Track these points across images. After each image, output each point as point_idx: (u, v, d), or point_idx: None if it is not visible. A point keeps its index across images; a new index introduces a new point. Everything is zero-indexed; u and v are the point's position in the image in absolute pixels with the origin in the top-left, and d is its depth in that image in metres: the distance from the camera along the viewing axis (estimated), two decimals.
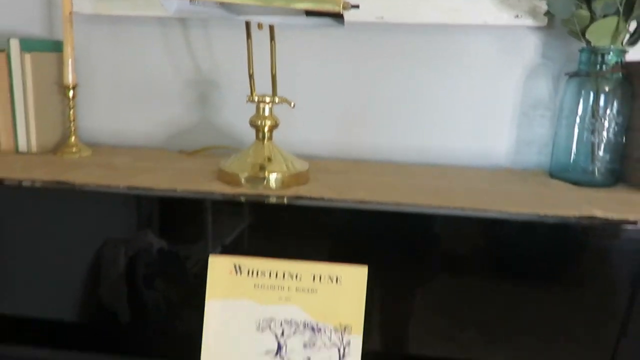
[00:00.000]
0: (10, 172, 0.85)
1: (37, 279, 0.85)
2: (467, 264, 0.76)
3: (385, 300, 0.77)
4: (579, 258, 0.73)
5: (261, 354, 0.76)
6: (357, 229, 0.78)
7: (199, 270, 0.79)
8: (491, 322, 0.77)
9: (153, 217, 0.81)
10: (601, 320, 0.74)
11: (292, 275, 0.76)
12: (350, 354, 0.74)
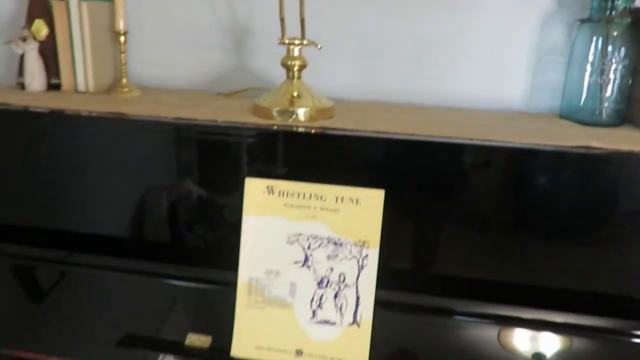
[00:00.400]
0: (71, 104, 0.97)
1: (95, 200, 0.98)
2: (473, 187, 0.85)
3: (399, 220, 0.87)
4: (575, 184, 0.82)
5: (290, 263, 0.87)
6: (376, 156, 0.87)
7: (238, 194, 0.90)
8: (498, 240, 0.86)
9: (195, 147, 0.93)
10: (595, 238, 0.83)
11: (318, 196, 0.86)
12: (367, 265, 0.85)
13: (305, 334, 0.86)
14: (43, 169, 0.99)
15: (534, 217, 0.85)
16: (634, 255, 0.82)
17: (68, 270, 0.98)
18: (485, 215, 0.86)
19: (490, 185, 0.86)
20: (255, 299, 0.88)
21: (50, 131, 0.97)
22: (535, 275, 0.86)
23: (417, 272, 0.89)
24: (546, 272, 0.86)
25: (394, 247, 0.86)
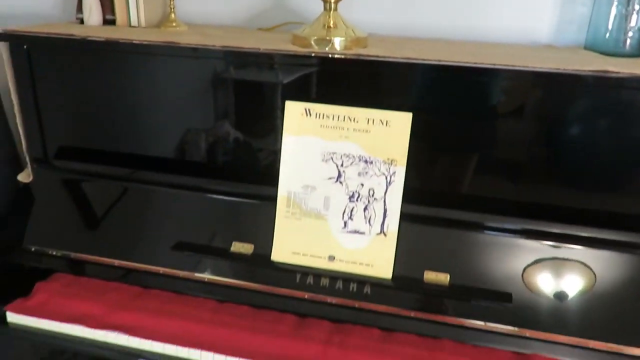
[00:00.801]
0: (125, 35, 1.07)
1: (147, 123, 1.09)
2: (496, 111, 0.92)
3: (425, 141, 0.95)
4: (592, 106, 0.87)
5: (325, 179, 0.97)
6: (405, 81, 0.94)
7: (279, 118, 0.99)
8: (521, 162, 0.93)
9: (240, 74, 1.02)
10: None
11: (351, 118, 0.94)
12: (395, 182, 0.94)
13: (337, 242, 0.97)
14: (103, 96, 1.10)
15: (556, 140, 0.91)
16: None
17: (130, 186, 1.10)
18: (508, 138, 0.93)
19: (513, 109, 0.92)
20: (293, 211, 0.98)
21: (107, 61, 1.07)
22: (557, 194, 0.93)
23: (440, 189, 0.98)
24: (568, 191, 0.93)
25: (419, 165, 0.95)
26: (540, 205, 0.94)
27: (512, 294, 0.90)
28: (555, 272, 0.90)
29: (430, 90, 0.94)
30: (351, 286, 0.96)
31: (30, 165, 1.19)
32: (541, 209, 0.93)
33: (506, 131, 0.94)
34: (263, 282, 1.00)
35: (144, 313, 0.99)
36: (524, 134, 0.93)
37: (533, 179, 0.94)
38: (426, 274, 0.93)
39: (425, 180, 0.97)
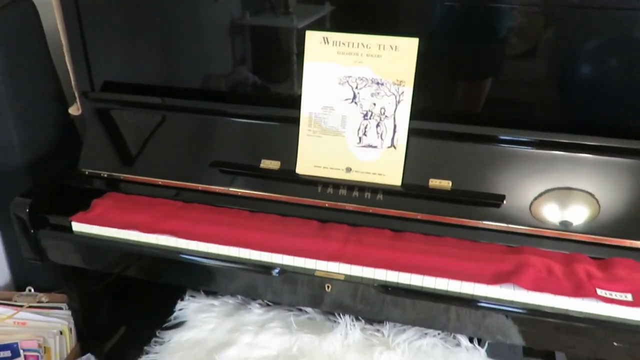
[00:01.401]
0: None
1: (185, 56, 1.23)
2: (498, 35, 1.04)
3: (431, 64, 1.07)
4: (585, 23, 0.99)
5: (342, 100, 1.10)
6: (413, 8, 1.06)
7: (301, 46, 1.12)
8: (508, 77, 1.06)
9: (267, 7, 1.14)
10: None
11: (364, 44, 1.07)
12: (403, 101, 1.07)
13: (353, 155, 1.11)
14: (142, 33, 1.24)
15: (553, 53, 1.03)
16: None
17: (168, 114, 1.24)
18: (504, 59, 1.05)
19: (509, 30, 1.04)
20: (314, 129, 1.12)
21: (147, 2, 1.20)
22: (542, 107, 1.06)
23: (443, 106, 1.11)
24: (553, 103, 1.05)
25: (425, 86, 1.07)
26: (529, 117, 1.06)
27: (504, 195, 1.04)
28: (542, 174, 1.04)
29: (434, 18, 1.06)
30: (366, 194, 1.10)
31: (79, 99, 1.34)
32: (529, 120, 1.06)
33: (503, 53, 1.05)
34: (289, 194, 1.15)
35: (187, 221, 1.15)
36: (518, 55, 1.04)
37: (523, 94, 1.06)
38: (431, 181, 1.08)
39: (430, 99, 1.10)
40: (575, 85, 1.05)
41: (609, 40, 1.01)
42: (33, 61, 1.41)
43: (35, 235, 1.18)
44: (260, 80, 1.20)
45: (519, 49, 1.04)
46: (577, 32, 1.01)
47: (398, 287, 0.99)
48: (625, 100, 1.02)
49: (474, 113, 1.09)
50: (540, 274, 0.97)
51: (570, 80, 1.04)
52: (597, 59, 1.03)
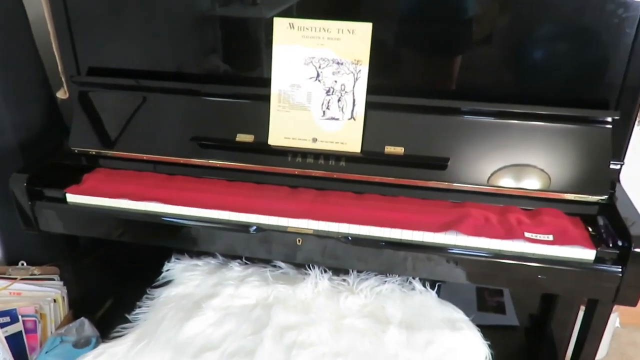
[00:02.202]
0: None
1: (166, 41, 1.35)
2: (438, 19, 1.20)
3: (382, 45, 1.22)
4: (504, 12, 1.16)
5: (307, 78, 1.24)
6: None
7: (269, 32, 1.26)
8: (457, 58, 1.22)
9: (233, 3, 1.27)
10: None
11: (325, 29, 1.21)
12: (360, 78, 1.22)
13: (318, 127, 1.26)
14: (123, 21, 1.36)
15: (480, 35, 1.20)
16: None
17: (150, 95, 1.36)
18: (445, 38, 1.22)
19: (447, 14, 1.20)
20: (283, 105, 1.27)
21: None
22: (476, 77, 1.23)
23: (395, 82, 1.27)
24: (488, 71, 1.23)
25: (378, 64, 1.22)
26: (469, 90, 1.23)
27: (449, 158, 1.21)
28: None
29: (386, 3, 1.21)
30: (330, 161, 1.26)
31: (66, 83, 1.45)
32: (470, 93, 1.22)
33: (445, 32, 1.22)
34: (262, 163, 1.29)
35: (172, 190, 1.29)
36: (456, 35, 1.21)
37: (462, 70, 1.23)
38: (386, 148, 1.23)
39: (383, 76, 1.25)
40: (505, 60, 1.22)
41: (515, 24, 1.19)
42: (19, 49, 1.51)
43: (32, 207, 1.30)
44: (234, 62, 1.34)
45: (458, 30, 1.21)
46: (512, 13, 1.19)
47: (359, 238, 1.16)
48: (542, 69, 1.20)
49: (423, 87, 1.26)
50: (479, 222, 1.15)
51: (499, 56, 1.22)
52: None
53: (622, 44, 1.13)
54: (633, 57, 1.12)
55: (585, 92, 1.19)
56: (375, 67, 1.21)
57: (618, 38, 1.13)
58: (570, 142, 1.17)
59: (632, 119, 1.18)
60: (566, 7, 1.14)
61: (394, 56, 1.25)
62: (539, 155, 1.18)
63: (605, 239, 1.10)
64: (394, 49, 1.24)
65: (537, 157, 1.18)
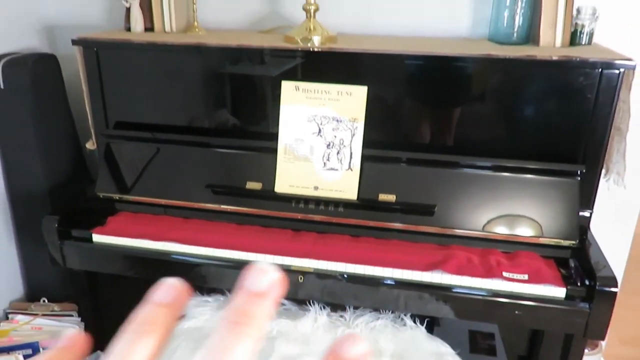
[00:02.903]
0: (161, 39, 1.51)
1: (185, 101, 1.53)
2: (422, 83, 1.37)
3: (377, 105, 1.39)
4: (484, 79, 1.33)
5: (310, 134, 1.41)
6: (363, 65, 1.39)
7: (277, 94, 1.44)
8: (442, 115, 1.39)
9: (247, 64, 1.46)
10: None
11: (326, 91, 1.39)
12: (357, 134, 1.39)
13: (319, 176, 1.41)
14: (147, 82, 1.54)
15: (462, 99, 1.37)
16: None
17: (169, 147, 1.53)
18: (430, 101, 1.39)
19: (431, 81, 1.37)
20: (288, 157, 1.43)
21: (150, 57, 1.51)
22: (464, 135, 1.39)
23: (388, 137, 1.43)
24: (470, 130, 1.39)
25: (373, 122, 1.39)
26: (455, 145, 1.39)
27: (436, 205, 1.35)
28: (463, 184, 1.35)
29: (379, 71, 1.39)
30: (330, 207, 1.40)
31: (95, 136, 1.62)
32: (456, 147, 1.38)
33: (429, 97, 1.39)
34: (269, 209, 1.44)
35: (187, 232, 1.43)
36: (442, 95, 1.38)
37: (446, 124, 1.40)
38: (380, 195, 1.38)
39: (377, 132, 1.42)
40: (483, 120, 1.39)
41: (502, 88, 1.36)
42: (54, 105, 1.70)
43: (61, 246, 1.44)
44: (244, 116, 1.51)
45: (442, 95, 1.38)
46: (488, 79, 1.36)
47: (355, 277, 1.29)
48: (524, 128, 1.36)
49: (412, 142, 1.42)
50: (462, 262, 1.28)
51: (478, 117, 1.38)
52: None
53: (584, 107, 1.29)
54: (594, 117, 1.29)
55: (555, 148, 1.35)
56: (370, 123, 1.38)
57: (581, 101, 1.29)
58: (543, 191, 1.31)
59: (597, 171, 1.33)
60: (536, 77, 1.32)
61: (387, 115, 1.42)
62: (516, 203, 1.33)
63: (575, 279, 1.23)
64: (387, 108, 1.41)
65: (515, 205, 1.33)
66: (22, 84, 1.58)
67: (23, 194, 1.69)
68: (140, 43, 1.50)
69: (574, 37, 1.42)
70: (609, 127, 1.29)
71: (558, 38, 1.40)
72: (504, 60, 1.31)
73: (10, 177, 1.69)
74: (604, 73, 1.26)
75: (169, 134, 1.54)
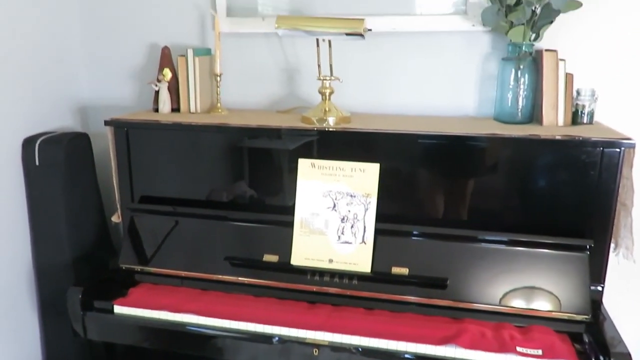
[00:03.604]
0: (187, 119, 1.62)
1: (203, 175, 1.62)
2: (432, 160, 1.44)
3: (389, 181, 1.46)
4: (491, 156, 1.40)
5: (325, 208, 1.47)
6: (375, 143, 1.47)
7: (294, 170, 1.51)
8: (453, 191, 1.45)
9: (267, 142, 1.55)
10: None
11: (340, 168, 1.46)
12: (370, 208, 1.44)
13: (334, 250, 1.46)
14: (172, 158, 1.64)
15: (471, 176, 1.43)
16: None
17: (189, 220, 1.60)
18: (440, 177, 1.45)
19: (440, 158, 1.45)
20: (304, 230, 1.48)
21: (176, 136, 1.62)
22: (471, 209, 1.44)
23: (400, 212, 1.48)
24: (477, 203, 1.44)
25: (386, 197, 1.45)
26: (467, 220, 1.44)
27: (448, 278, 1.38)
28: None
29: (390, 148, 1.47)
30: (344, 280, 1.44)
31: (120, 209, 1.71)
32: (469, 222, 1.43)
33: (439, 174, 1.46)
34: (285, 281, 1.48)
35: (205, 303, 1.47)
36: (447, 173, 1.45)
37: (457, 204, 1.45)
38: (393, 269, 1.42)
39: (390, 206, 1.47)
40: (492, 197, 1.44)
41: (507, 166, 1.42)
42: (84, 180, 1.80)
43: (83, 317, 1.49)
44: (262, 189, 1.58)
45: (454, 172, 1.45)
46: (488, 158, 1.43)
47: (369, 350, 1.30)
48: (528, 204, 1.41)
49: (424, 217, 1.47)
50: (475, 336, 1.29)
51: (488, 194, 1.44)
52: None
53: (589, 183, 1.34)
54: (598, 193, 1.33)
55: (563, 223, 1.38)
56: (383, 198, 1.44)
57: (585, 178, 1.35)
58: (553, 265, 1.34)
59: (606, 246, 1.35)
60: (541, 154, 1.38)
61: (399, 190, 1.48)
62: (527, 277, 1.35)
63: (589, 355, 1.23)
64: (399, 184, 1.48)
65: (526, 279, 1.35)
66: (56, 161, 1.69)
67: (48, 265, 1.76)
68: (167, 123, 1.61)
69: (576, 116, 1.50)
70: (613, 202, 1.33)
71: (560, 118, 1.48)
72: (510, 139, 1.38)
73: (38, 247, 1.76)
74: (606, 151, 1.32)
75: (191, 207, 1.61)
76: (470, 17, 1.58)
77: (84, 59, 1.97)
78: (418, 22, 1.63)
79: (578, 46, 1.55)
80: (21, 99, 1.72)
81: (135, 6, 1.88)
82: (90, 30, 1.94)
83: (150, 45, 1.89)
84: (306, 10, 1.73)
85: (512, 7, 1.46)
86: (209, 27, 1.82)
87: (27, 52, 1.74)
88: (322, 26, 1.51)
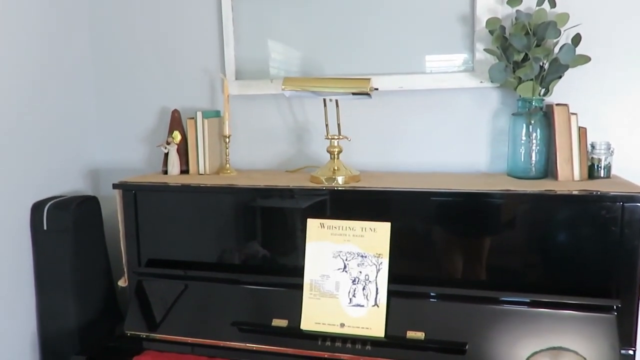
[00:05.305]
0: (196, 181, 1.61)
1: (213, 236, 1.59)
2: (443, 218, 1.40)
3: (401, 240, 1.41)
4: (504, 212, 1.35)
5: (335, 269, 1.42)
6: (385, 202, 1.44)
7: (302, 231, 1.48)
8: (469, 247, 1.39)
9: (276, 202, 1.53)
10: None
11: (350, 227, 1.43)
12: (382, 269, 1.39)
13: (345, 313, 1.40)
14: (180, 220, 1.62)
15: (487, 234, 1.38)
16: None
17: (195, 284, 1.56)
18: (454, 235, 1.40)
19: (455, 216, 1.40)
20: (314, 293, 1.43)
21: (184, 197, 1.60)
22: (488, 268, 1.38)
23: (413, 272, 1.42)
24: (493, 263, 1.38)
25: (398, 257, 1.40)
26: (484, 281, 1.38)
27: (467, 342, 1.30)
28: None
29: (402, 207, 1.43)
30: (357, 345, 1.37)
31: (127, 273, 1.67)
32: (485, 283, 1.37)
33: (453, 232, 1.41)
34: (295, 347, 1.41)
35: None
36: (462, 231, 1.40)
37: (472, 259, 1.39)
38: (408, 333, 1.35)
39: (403, 267, 1.42)
40: (511, 257, 1.38)
41: (523, 223, 1.37)
42: (92, 244, 1.78)
43: None
44: (272, 249, 1.54)
45: (468, 230, 1.40)
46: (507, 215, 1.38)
47: None
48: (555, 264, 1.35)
49: (439, 277, 1.41)
50: None
51: (508, 251, 1.38)
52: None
53: (611, 240, 1.28)
54: (622, 250, 1.27)
55: (586, 282, 1.31)
56: (395, 259, 1.39)
57: (607, 234, 1.29)
58: (578, 327, 1.26)
59: (634, 306, 1.28)
60: (558, 211, 1.33)
61: (412, 250, 1.43)
62: (550, 340, 1.27)
63: None
64: (411, 243, 1.43)
65: (550, 343, 1.27)
66: (64, 226, 1.68)
67: (53, 333, 1.71)
68: (175, 185, 1.60)
69: (592, 170, 1.46)
70: (639, 259, 1.27)
71: (576, 172, 1.44)
72: (526, 195, 1.34)
73: (43, 315, 1.72)
74: (626, 206, 1.27)
75: (198, 271, 1.58)
76: (478, 74, 1.57)
77: (96, 122, 2.00)
78: (426, 80, 1.63)
79: (590, 100, 1.53)
80: (32, 163, 1.74)
81: (146, 71, 1.92)
82: (103, 94, 1.98)
83: (161, 109, 1.92)
84: (316, 71, 1.75)
85: (519, 63, 1.46)
86: (219, 90, 1.84)
87: (40, 117, 1.77)
88: (328, 87, 1.52)
